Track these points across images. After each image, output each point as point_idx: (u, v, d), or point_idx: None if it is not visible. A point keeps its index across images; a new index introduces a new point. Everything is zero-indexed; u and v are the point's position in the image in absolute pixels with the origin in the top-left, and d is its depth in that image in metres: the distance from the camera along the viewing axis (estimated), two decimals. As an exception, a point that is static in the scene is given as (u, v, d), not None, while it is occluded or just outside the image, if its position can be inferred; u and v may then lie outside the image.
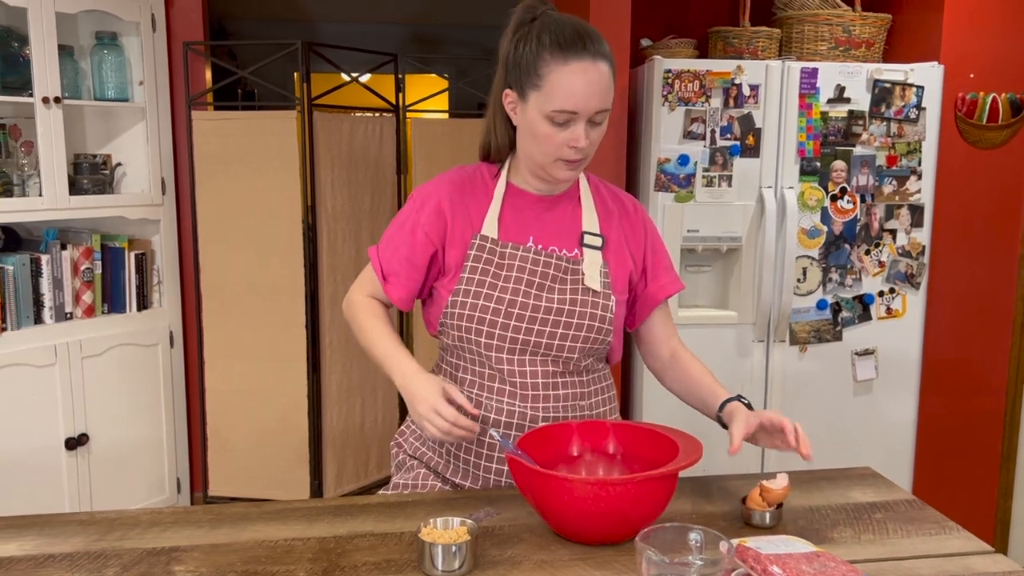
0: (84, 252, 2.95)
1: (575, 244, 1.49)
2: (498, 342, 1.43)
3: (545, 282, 1.45)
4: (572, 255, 1.48)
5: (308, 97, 3.09)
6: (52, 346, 2.80)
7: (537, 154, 1.42)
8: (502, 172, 1.51)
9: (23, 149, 2.86)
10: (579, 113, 1.36)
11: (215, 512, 1.37)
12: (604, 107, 1.38)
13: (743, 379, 2.92)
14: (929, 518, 1.37)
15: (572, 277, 1.46)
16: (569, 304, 1.44)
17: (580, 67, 1.35)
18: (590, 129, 1.38)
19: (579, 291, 1.45)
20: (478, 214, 1.48)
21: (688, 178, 2.82)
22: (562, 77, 1.35)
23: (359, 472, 3.43)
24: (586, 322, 1.44)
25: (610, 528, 1.22)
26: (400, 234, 1.51)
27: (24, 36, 2.74)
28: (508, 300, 1.43)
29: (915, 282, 2.94)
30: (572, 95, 1.35)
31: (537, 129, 1.39)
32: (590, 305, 1.45)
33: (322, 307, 3.22)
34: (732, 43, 2.98)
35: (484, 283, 1.44)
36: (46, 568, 1.18)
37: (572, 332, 1.44)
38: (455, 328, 1.46)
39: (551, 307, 1.44)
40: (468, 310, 1.43)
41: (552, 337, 1.43)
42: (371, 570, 1.18)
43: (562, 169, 1.42)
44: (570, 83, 1.34)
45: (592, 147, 1.41)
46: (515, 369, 1.44)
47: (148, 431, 3.16)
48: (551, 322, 1.43)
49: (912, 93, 2.85)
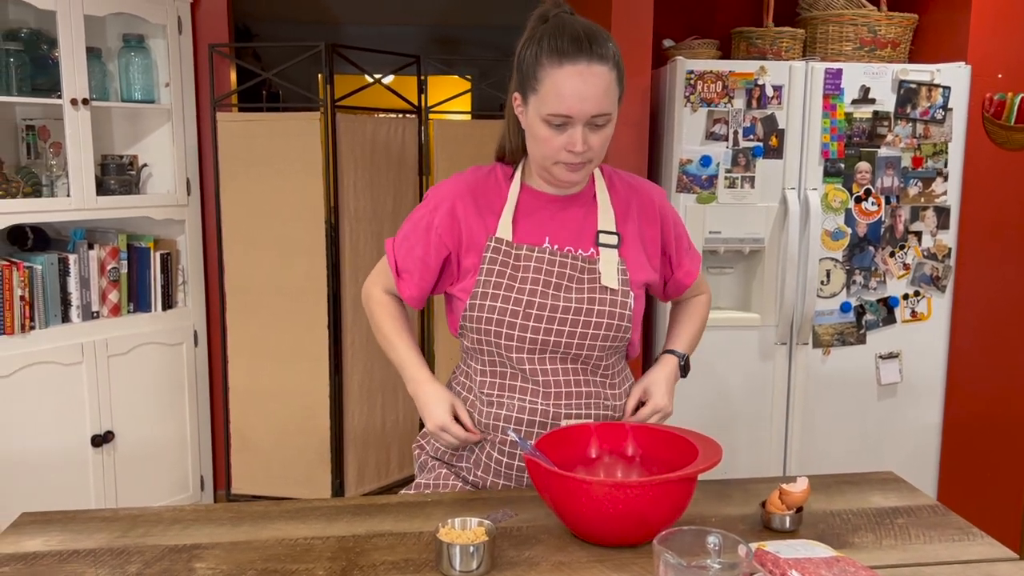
0: (111, 252, 2.98)
1: (591, 244, 1.49)
2: (517, 343, 1.44)
3: (562, 282, 1.45)
4: (588, 254, 1.48)
5: (331, 98, 3.11)
6: (79, 344, 2.84)
7: (539, 156, 1.43)
8: (516, 173, 1.52)
9: (52, 150, 2.91)
10: (573, 117, 1.35)
11: (236, 510, 1.39)
12: (602, 111, 1.35)
13: (765, 382, 2.90)
14: (952, 524, 1.36)
15: (589, 276, 1.47)
16: (587, 303, 1.44)
17: (574, 70, 1.33)
18: (590, 133, 1.37)
19: (596, 289, 1.46)
20: (492, 217, 1.49)
21: (710, 179, 2.80)
22: (555, 81, 1.34)
23: (380, 472, 3.44)
24: (604, 320, 1.45)
25: (628, 530, 1.22)
26: (415, 233, 1.52)
27: (53, 39, 2.78)
28: (526, 301, 1.43)
29: (941, 285, 2.91)
30: (564, 99, 1.34)
31: (537, 132, 1.39)
32: (608, 303, 1.45)
33: (344, 307, 3.24)
34: (755, 44, 2.97)
35: (501, 285, 1.45)
36: (70, 563, 1.20)
37: (591, 331, 1.44)
38: (475, 331, 1.46)
39: (568, 306, 1.44)
40: (487, 312, 1.44)
41: (571, 336, 1.44)
42: (389, 569, 1.18)
43: (563, 171, 1.42)
44: (563, 87, 1.33)
45: (596, 151, 1.40)
46: (536, 368, 1.45)
47: (172, 429, 3.19)
48: (569, 321, 1.44)
49: (938, 94, 2.81)
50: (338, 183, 3.16)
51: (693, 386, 2.79)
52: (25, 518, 1.35)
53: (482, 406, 1.48)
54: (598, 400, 1.49)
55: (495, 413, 1.47)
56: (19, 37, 2.76)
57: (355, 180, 3.22)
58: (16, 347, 2.68)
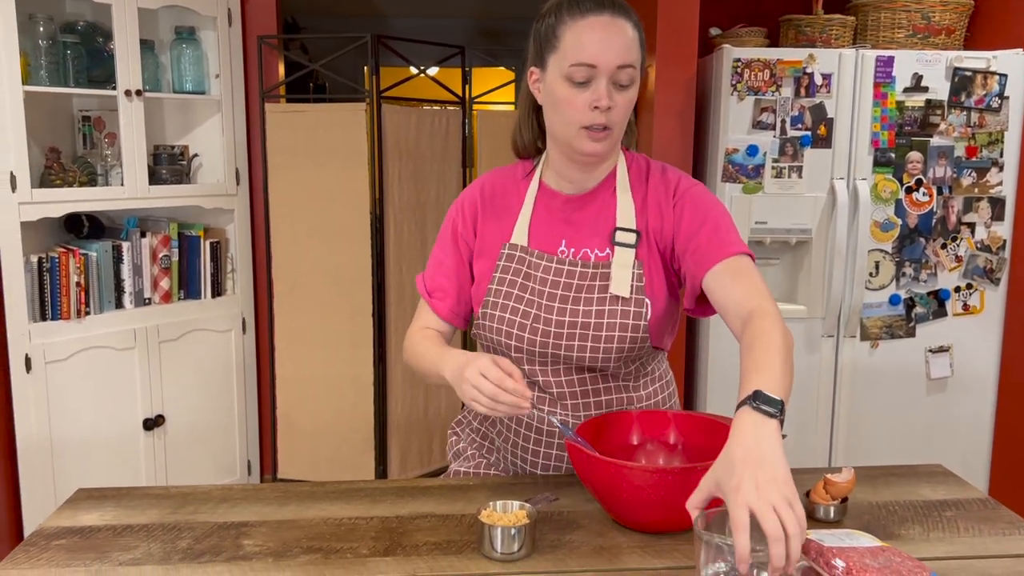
0: (162, 240, 3.05)
1: (607, 243, 1.41)
2: (527, 355, 1.40)
3: (569, 293, 1.39)
4: (603, 256, 1.40)
5: (377, 90, 3.13)
6: (132, 330, 2.91)
7: (560, 126, 1.34)
8: (536, 171, 1.47)
9: (106, 140, 2.98)
10: (598, 67, 1.27)
11: (282, 490, 1.42)
12: (626, 62, 1.28)
13: (812, 375, 2.86)
14: (1003, 518, 1.33)
15: (600, 284, 1.38)
16: (595, 316, 1.36)
17: (598, 21, 1.28)
18: (615, 91, 1.29)
19: (607, 300, 1.37)
20: (509, 218, 1.46)
21: (757, 169, 2.77)
22: (577, 31, 1.28)
23: (423, 459, 3.48)
24: (616, 333, 1.36)
25: (669, 517, 1.21)
26: (443, 248, 1.49)
27: (108, 31, 2.85)
28: (533, 315, 1.39)
29: (994, 277, 2.84)
30: (587, 46, 1.27)
31: (557, 94, 1.31)
32: (619, 315, 1.36)
33: (388, 296, 3.27)
34: (804, 31, 2.92)
35: (511, 295, 1.41)
36: (124, 537, 1.24)
37: (603, 344, 1.36)
38: (485, 340, 1.44)
39: (576, 320, 1.37)
40: (496, 323, 1.41)
41: (582, 350, 1.37)
42: (432, 550, 1.20)
43: (586, 141, 1.32)
44: (586, 35, 1.28)
45: (619, 117, 1.31)
46: (550, 380, 1.41)
47: (221, 414, 3.26)
48: (578, 335, 1.37)
49: (994, 81, 2.74)
50: (383, 173, 3.19)
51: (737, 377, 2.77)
52: (81, 494, 1.40)
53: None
54: (620, 406, 1.44)
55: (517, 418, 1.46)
56: (76, 30, 2.84)
57: (399, 170, 3.25)
58: (72, 332, 2.76)
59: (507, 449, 1.50)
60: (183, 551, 1.19)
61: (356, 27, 5.91)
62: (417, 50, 3.41)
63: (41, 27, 2.71)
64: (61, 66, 2.78)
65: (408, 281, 3.30)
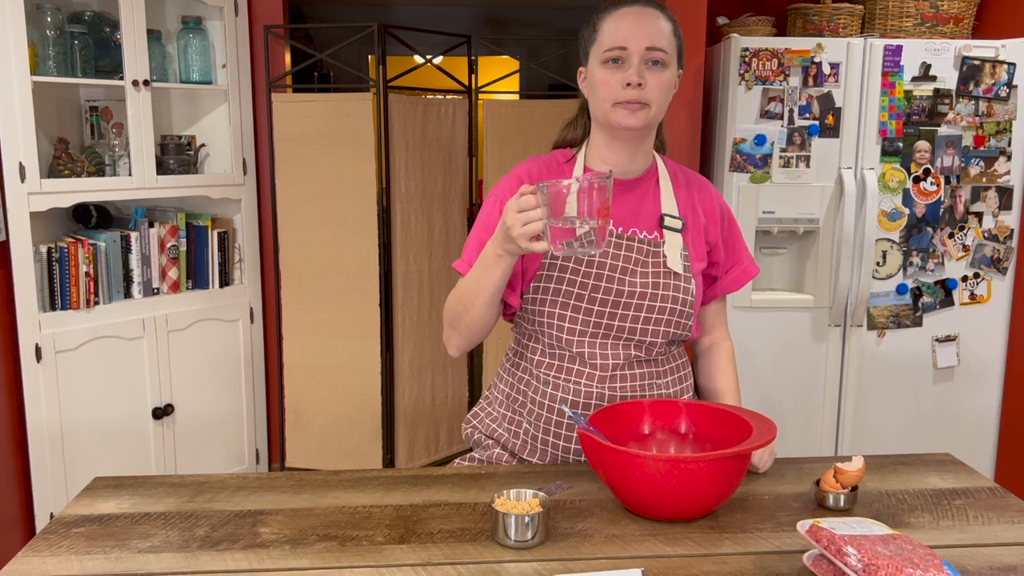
0: (170, 230, 3.06)
1: (655, 226, 1.49)
2: (581, 327, 1.45)
3: (628, 266, 1.46)
4: (652, 237, 1.49)
5: (383, 79, 3.13)
6: (140, 320, 2.93)
7: (598, 104, 1.43)
8: (578, 155, 1.52)
9: (114, 130, 2.99)
10: (628, 49, 1.38)
11: (297, 479, 1.43)
12: (656, 45, 1.39)
13: (818, 364, 2.87)
14: (1012, 506, 1.34)
15: (654, 260, 1.47)
16: (652, 288, 1.45)
17: (630, 11, 1.41)
18: (648, 72, 1.39)
19: (661, 274, 1.46)
20: None
21: (764, 158, 2.77)
22: (612, 20, 1.42)
23: (430, 448, 3.49)
24: (668, 305, 1.45)
25: (681, 505, 1.23)
26: (484, 231, 1.48)
27: (115, 21, 2.85)
28: (592, 285, 1.44)
29: (1002, 267, 2.84)
30: (618, 31, 1.39)
31: (596, 78, 1.42)
32: (672, 288, 1.46)
33: (395, 286, 3.28)
34: (812, 20, 2.91)
35: (567, 268, 1.45)
36: (142, 525, 1.25)
37: (655, 315, 1.45)
38: (537, 313, 1.47)
39: (634, 291, 1.45)
40: (551, 295, 1.45)
41: (635, 321, 1.45)
42: (446, 537, 1.21)
43: (622, 115, 1.40)
44: (618, 23, 1.40)
45: (655, 95, 1.40)
46: (596, 352, 1.46)
47: (229, 403, 3.27)
48: (634, 306, 1.44)
49: (1003, 70, 2.74)
50: (390, 163, 3.19)
51: (745, 366, 2.78)
52: (98, 482, 1.41)
53: (540, 385, 1.50)
54: (650, 382, 1.49)
55: (551, 394, 1.48)
56: (83, 20, 2.84)
57: (406, 160, 3.25)
58: (82, 321, 2.77)
59: (538, 426, 1.51)
60: (201, 539, 1.21)
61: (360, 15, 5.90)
62: (423, 39, 3.41)
63: (48, 17, 2.71)
64: (68, 56, 2.78)
65: (415, 270, 3.30)
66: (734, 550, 1.18)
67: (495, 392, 1.61)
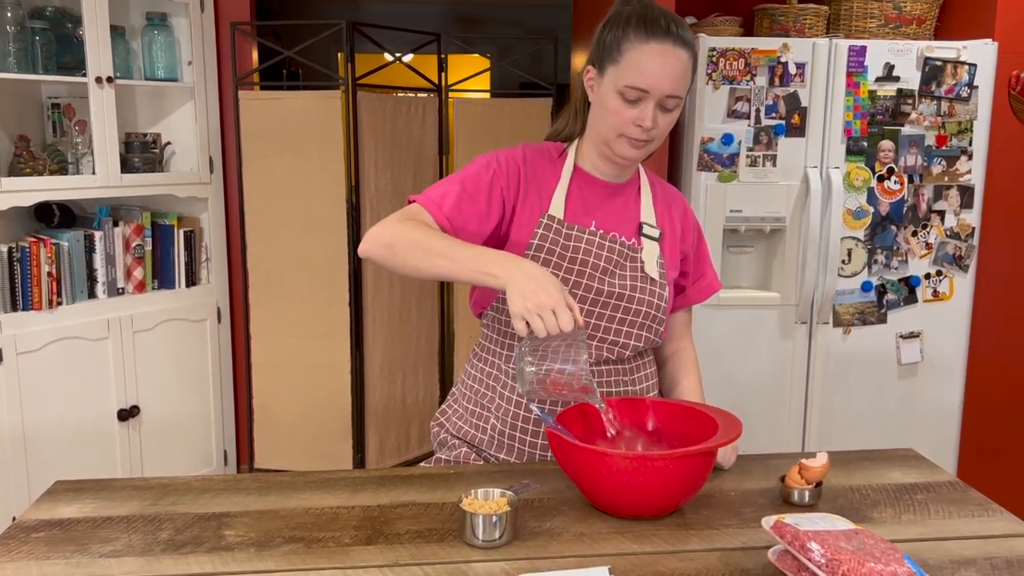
0: (135, 229, 3.02)
1: (634, 233, 1.52)
2: None
3: (608, 267, 1.47)
4: (631, 243, 1.50)
5: (352, 77, 3.11)
6: (105, 320, 2.88)
7: (604, 128, 1.43)
8: (569, 152, 1.53)
9: (77, 128, 2.94)
10: (650, 92, 1.37)
11: (263, 480, 1.42)
12: (676, 93, 1.38)
13: (785, 361, 2.90)
14: (972, 500, 1.36)
15: (631, 264, 1.49)
16: (629, 290, 1.46)
17: (660, 48, 1.36)
18: (659, 113, 1.39)
19: (639, 278, 1.48)
20: (547, 190, 1.50)
21: (732, 158, 2.79)
22: (640, 54, 1.36)
23: (400, 447, 3.48)
24: (644, 308, 1.47)
25: (648, 503, 1.23)
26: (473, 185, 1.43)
27: (78, 17, 2.81)
28: (573, 282, 1.45)
29: (963, 264, 2.89)
30: (645, 73, 1.36)
31: (607, 102, 1.40)
32: (647, 292, 1.48)
33: (365, 285, 3.26)
34: (779, 21, 2.94)
35: (549, 263, 1.45)
36: (104, 529, 1.23)
37: (630, 317, 1.46)
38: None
39: (612, 291, 1.46)
40: None
41: (611, 321, 1.46)
42: (414, 538, 1.21)
43: (625, 146, 1.42)
44: (646, 61, 1.36)
45: (659, 133, 1.42)
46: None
47: (196, 404, 3.24)
48: (611, 306, 1.46)
49: (964, 71, 2.78)
50: (359, 161, 3.18)
51: (713, 363, 2.80)
52: (59, 486, 1.39)
53: (509, 380, 1.50)
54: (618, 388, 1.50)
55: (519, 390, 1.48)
56: (45, 15, 2.79)
57: (376, 158, 3.23)
58: (44, 322, 2.72)
59: (506, 422, 1.50)
60: (164, 542, 1.19)
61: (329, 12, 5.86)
62: (392, 37, 3.39)
63: (9, 12, 2.66)
64: (29, 52, 2.73)
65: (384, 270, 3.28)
66: (700, 547, 1.19)
67: (462, 388, 1.61)
